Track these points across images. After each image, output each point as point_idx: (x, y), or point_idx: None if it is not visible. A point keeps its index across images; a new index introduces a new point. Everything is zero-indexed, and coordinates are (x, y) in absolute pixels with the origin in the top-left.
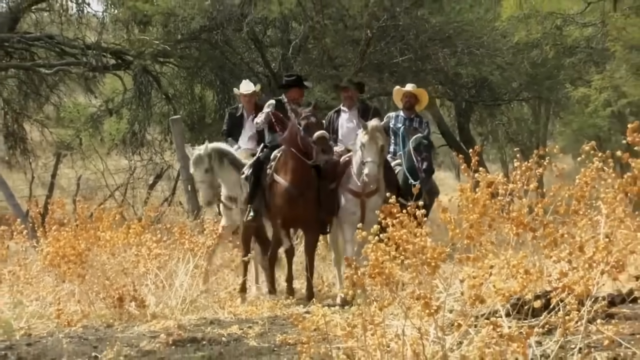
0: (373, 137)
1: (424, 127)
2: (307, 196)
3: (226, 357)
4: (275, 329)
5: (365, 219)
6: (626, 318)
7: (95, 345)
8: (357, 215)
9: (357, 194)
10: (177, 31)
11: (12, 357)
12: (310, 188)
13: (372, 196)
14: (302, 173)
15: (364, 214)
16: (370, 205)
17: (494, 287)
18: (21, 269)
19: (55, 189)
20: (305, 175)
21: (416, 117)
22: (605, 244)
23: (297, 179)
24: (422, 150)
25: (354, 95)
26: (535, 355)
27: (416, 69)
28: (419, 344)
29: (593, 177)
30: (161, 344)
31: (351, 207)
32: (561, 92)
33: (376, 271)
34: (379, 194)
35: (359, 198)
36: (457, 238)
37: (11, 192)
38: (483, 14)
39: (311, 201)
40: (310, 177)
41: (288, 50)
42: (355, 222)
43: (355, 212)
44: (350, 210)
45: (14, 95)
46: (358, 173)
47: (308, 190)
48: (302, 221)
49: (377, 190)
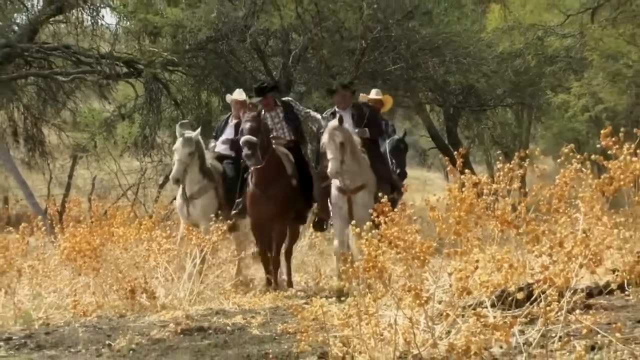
0: (331, 136)
1: (391, 130)
2: (269, 194)
3: (231, 344)
4: (277, 318)
5: (354, 215)
6: (603, 309)
7: (109, 333)
8: (344, 210)
9: (343, 190)
10: (185, 42)
11: (32, 345)
12: (272, 187)
13: (358, 192)
14: (262, 174)
15: (351, 210)
16: (358, 201)
17: (480, 280)
18: (40, 263)
19: (71, 189)
20: (265, 176)
21: (382, 120)
22: (583, 240)
23: (258, 180)
24: (398, 154)
25: (347, 97)
26: (518, 343)
27: (407, 77)
28: (410, 332)
29: (572, 177)
30: (170, 332)
31: (338, 203)
32: (542, 98)
33: (370, 265)
34: (366, 190)
35: (345, 195)
36: (445, 234)
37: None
38: (470, 25)
39: (274, 199)
40: (272, 177)
41: (288, 60)
42: (343, 216)
43: (342, 207)
44: (338, 205)
45: (33, 101)
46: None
47: (270, 189)
48: (269, 218)
49: (363, 186)
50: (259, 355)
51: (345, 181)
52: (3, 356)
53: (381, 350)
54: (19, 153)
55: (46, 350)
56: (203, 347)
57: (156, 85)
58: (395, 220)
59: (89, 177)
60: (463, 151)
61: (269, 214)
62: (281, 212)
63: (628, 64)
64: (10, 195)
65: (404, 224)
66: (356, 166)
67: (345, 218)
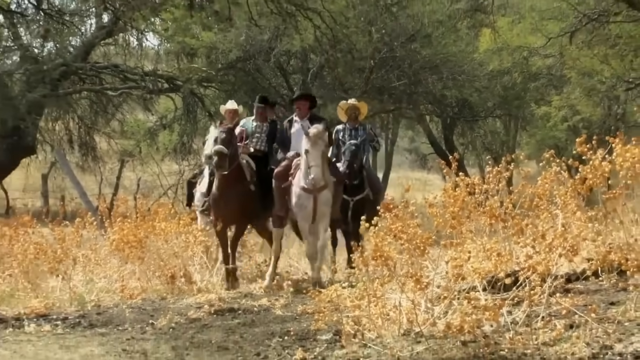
0: (315, 144)
1: (366, 133)
2: (228, 197)
3: (257, 323)
4: (297, 301)
5: (317, 211)
6: (580, 292)
7: (152, 314)
8: (309, 208)
9: (310, 190)
10: (217, 61)
11: (85, 324)
12: (231, 190)
13: (322, 191)
14: (223, 179)
15: (316, 207)
16: (322, 199)
17: (473, 267)
18: (92, 252)
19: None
20: (226, 181)
21: (360, 125)
22: (562, 233)
23: (220, 184)
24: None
25: (305, 107)
26: (506, 322)
27: (410, 92)
28: (413, 313)
29: (552, 178)
30: (205, 313)
31: (304, 202)
32: (527, 110)
33: (377, 254)
34: (327, 189)
35: (311, 194)
36: (442, 228)
37: (84, 191)
38: (464, 47)
39: (232, 202)
40: (232, 182)
41: (307, 77)
42: (308, 215)
43: (307, 206)
44: (303, 204)
45: (86, 113)
46: (305, 174)
47: (228, 191)
48: (229, 218)
49: (325, 186)
50: (282, 332)
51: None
52: (60, 334)
53: (387, 328)
54: (74, 157)
55: (97, 329)
56: (233, 325)
57: (192, 99)
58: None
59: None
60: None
61: (229, 214)
62: (239, 212)
63: (601, 80)
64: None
65: (407, 219)
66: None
67: (308, 216)
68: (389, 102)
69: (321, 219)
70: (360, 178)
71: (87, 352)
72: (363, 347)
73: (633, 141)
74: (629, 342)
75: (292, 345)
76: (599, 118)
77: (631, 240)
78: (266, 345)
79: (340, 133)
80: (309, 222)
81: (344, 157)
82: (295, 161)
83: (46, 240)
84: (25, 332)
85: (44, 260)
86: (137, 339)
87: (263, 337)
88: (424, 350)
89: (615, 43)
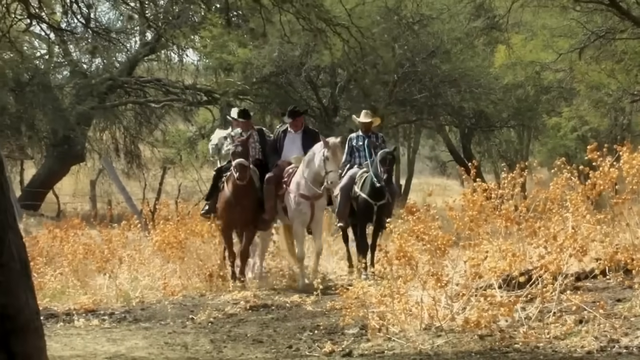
0: (335, 152)
1: (381, 141)
2: (243, 204)
3: (289, 318)
4: (326, 297)
5: (314, 217)
6: (589, 290)
7: (192, 309)
8: (307, 214)
9: (308, 197)
10: (252, 75)
11: (130, 319)
12: (245, 198)
13: (319, 199)
14: (238, 186)
15: (313, 213)
16: (319, 205)
17: (489, 267)
18: (137, 253)
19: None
20: (241, 189)
21: (372, 134)
22: (572, 234)
23: (235, 191)
24: (386, 163)
25: (301, 122)
26: (520, 318)
27: (430, 104)
28: (433, 308)
29: (563, 184)
30: (241, 308)
31: (303, 208)
32: (539, 121)
33: (401, 254)
34: (324, 197)
35: (309, 201)
36: (460, 230)
37: (129, 195)
38: (480, 62)
39: (246, 208)
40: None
41: (335, 90)
42: (306, 221)
43: (306, 212)
44: (302, 210)
45: (131, 123)
46: (314, 180)
47: (244, 200)
48: (241, 223)
49: (322, 194)
50: (312, 326)
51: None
52: (107, 327)
53: (410, 323)
54: (119, 165)
55: (141, 323)
56: (267, 320)
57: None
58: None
59: (176, 184)
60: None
61: (242, 220)
62: (251, 219)
63: (608, 93)
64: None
65: (428, 221)
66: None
67: (306, 221)
68: (411, 113)
69: (316, 224)
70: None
71: (132, 344)
72: (387, 340)
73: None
74: (634, 336)
75: (322, 338)
76: (606, 128)
77: (637, 241)
78: (297, 338)
79: (354, 140)
80: (305, 226)
81: (380, 164)
82: (288, 168)
83: (94, 241)
84: (75, 326)
85: (92, 260)
86: (178, 332)
87: (295, 331)
88: (444, 344)
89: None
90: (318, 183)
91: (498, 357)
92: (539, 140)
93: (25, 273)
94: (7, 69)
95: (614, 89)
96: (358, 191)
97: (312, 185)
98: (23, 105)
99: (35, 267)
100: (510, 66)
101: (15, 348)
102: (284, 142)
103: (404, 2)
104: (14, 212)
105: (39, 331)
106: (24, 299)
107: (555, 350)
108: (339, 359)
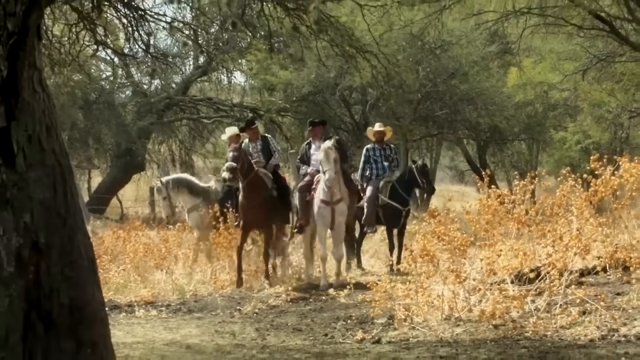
0: (326, 153)
1: (394, 152)
2: (254, 204)
3: (325, 309)
4: (358, 291)
5: (335, 221)
6: (591, 285)
7: (239, 301)
8: (328, 218)
9: (328, 202)
10: (292, 95)
11: (184, 310)
12: (257, 198)
13: (339, 203)
14: (248, 189)
15: (333, 218)
16: (338, 210)
17: (502, 264)
18: (191, 251)
19: None
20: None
21: (386, 145)
22: (576, 235)
23: (246, 194)
24: (426, 173)
25: (320, 131)
26: (530, 309)
27: (450, 120)
28: (453, 301)
29: (568, 191)
30: (282, 300)
31: (323, 212)
32: (547, 135)
33: (424, 253)
34: (344, 201)
35: (329, 206)
36: (477, 231)
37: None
38: (495, 82)
39: (259, 207)
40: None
41: (366, 107)
42: (327, 224)
43: (326, 216)
44: (323, 214)
45: (185, 137)
46: (324, 187)
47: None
48: (256, 222)
49: (342, 199)
50: (345, 317)
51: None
52: (164, 317)
53: (432, 314)
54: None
55: (194, 314)
56: (305, 311)
57: (272, 125)
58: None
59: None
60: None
61: (256, 219)
62: (266, 216)
63: (609, 110)
64: None
65: (448, 224)
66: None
67: (327, 225)
68: (433, 128)
69: (338, 230)
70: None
71: (186, 332)
72: (412, 329)
73: (636, 160)
74: (632, 325)
75: (354, 327)
76: (606, 141)
77: (634, 241)
78: (332, 327)
79: (370, 151)
80: (327, 229)
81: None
82: (317, 177)
83: (153, 241)
84: (135, 316)
85: (151, 257)
86: (227, 322)
87: (330, 320)
88: (462, 332)
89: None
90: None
91: (510, 344)
92: (546, 151)
93: (92, 269)
94: (76, 89)
95: (613, 107)
96: (386, 199)
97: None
98: (90, 121)
99: (101, 264)
100: (521, 86)
101: (83, 336)
102: (310, 152)
103: (427, 30)
104: (83, 215)
105: (104, 321)
106: (91, 292)
107: (561, 338)
108: (369, 345)
